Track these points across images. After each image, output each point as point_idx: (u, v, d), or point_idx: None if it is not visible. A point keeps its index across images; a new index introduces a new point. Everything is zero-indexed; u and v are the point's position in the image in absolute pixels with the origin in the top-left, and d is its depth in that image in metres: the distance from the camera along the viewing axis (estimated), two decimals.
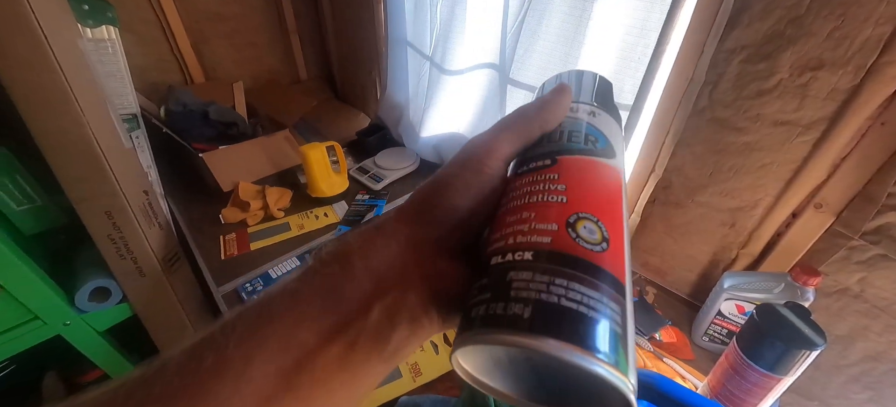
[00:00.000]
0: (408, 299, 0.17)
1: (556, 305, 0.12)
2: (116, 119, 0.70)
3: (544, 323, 0.12)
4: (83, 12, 0.69)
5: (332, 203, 0.98)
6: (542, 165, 0.17)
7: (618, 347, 0.12)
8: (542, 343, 0.12)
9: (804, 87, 0.50)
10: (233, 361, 0.14)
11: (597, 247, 0.14)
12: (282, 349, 0.15)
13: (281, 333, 0.15)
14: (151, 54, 1.15)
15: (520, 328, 0.12)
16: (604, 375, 0.11)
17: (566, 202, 0.15)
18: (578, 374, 0.12)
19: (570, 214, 0.15)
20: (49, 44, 0.55)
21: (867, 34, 0.44)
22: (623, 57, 0.64)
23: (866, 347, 0.56)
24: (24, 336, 0.72)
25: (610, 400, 0.12)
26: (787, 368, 0.43)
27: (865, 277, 0.53)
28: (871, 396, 0.58)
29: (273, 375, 0.14)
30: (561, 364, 0.12)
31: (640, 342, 0.64)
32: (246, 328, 0.15)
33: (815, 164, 0.53)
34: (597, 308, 0.12)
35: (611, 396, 0.12)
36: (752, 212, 0.61)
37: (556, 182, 0.16)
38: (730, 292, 0.59)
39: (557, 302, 0.12)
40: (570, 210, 0.15)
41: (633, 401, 0.12)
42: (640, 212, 0.74)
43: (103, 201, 0.68)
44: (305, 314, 0.16)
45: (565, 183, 0.16)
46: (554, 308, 0.12)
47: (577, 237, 0.14)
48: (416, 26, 0.97)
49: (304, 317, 0.16)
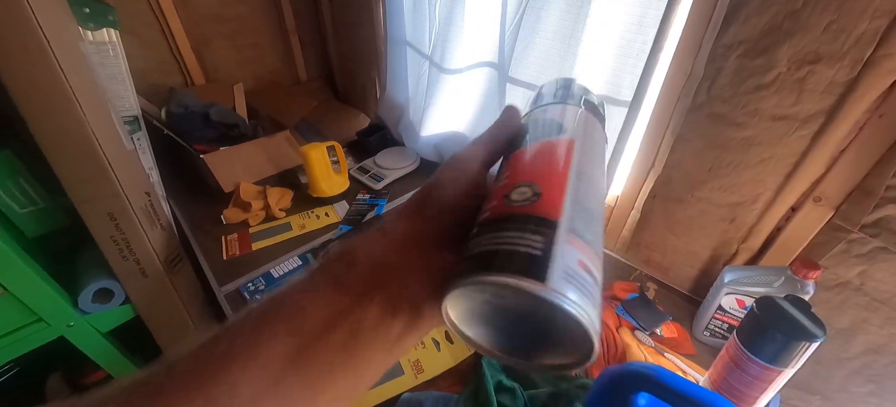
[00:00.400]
0: (409, 290, 0.18)
1: (493, 250, 0.16)
2: (118, 121, 0.71)
3: (485, 265, 0.15)
4: (84, 15, 0.69)
5: (333, 203, 0.98)
6: (500, 166, 0.23)
7: (540, 267, 0.15)
8: (481, 277, 0.15)
9: (802, 82, 0.50)
10: (245, 345, 0.15)
11: (527, 202, 0.17)
12: (289, 333, 0.16)
13: (289, 320, 0.16)
14: (152, 56, 1.16)
15: (470, 273, 0.16)
16: (522, 287, 0.14)
17: (507, 183, 0.19)
18: (523, 303, 0.15)
19: (508, 188, 0.19)
20: (50, 46, 0.55)
21: (863, 27, 0.44)
22: (621, 53, 0.64)
23: (867, 340, 0.56)
24: (28, 338, 0.73)
25: (570, 335, 0.15)
26: (787, 360, 0.44)
27: (865, 269, 0.53)
28: (872, 389, 0.58)
29: (280, 357, 0.15)
30: (504, 292, 0.15)
31: (641, 338, 0.64)
32: (258, 317, 0.16)
33: (813, 158, 0.53)
34: (519, 243, 0.16)
35: (564, 326, 0.15)
36: (751, 206, 0.61)
37: (505, 172, 0.21)
38: (730, 287, 0.59)
39: (495, 248, 0.16)
40: (509, 186, 0.19)
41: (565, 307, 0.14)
42: (641, 207, 0.75)
43: (105, 203, 0.69)
44: (312, 303, 0.17)
45: (510, 170, 0.21)
46: (491, 252, 0.16)
47: (509, 202, 0.18)
48: (415, 26, 0.98)
49: (311, 305, 0.17)
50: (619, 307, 0.70)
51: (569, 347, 0.16)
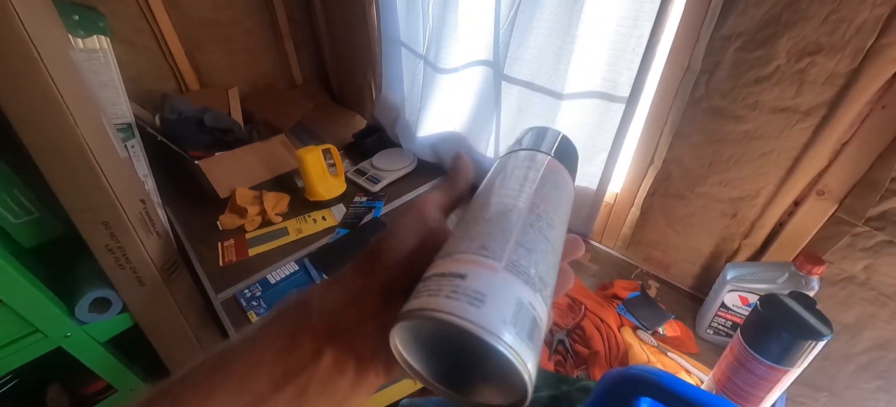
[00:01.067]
0: (357, 346, 0.18)
1: (436, 288, 0.16)
2: (111, 129, 0.70)
3: (426, 302, 0.16)
4: (74, 23, 0.69)
5: (330, 206, 0.97)
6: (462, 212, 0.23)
7: (476, 303, 0.15)
8: (421, 312, 0.15)
9: (802, 73, 0.49)
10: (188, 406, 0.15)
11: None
12: (236, 394, 0.16)
13: (236, 379, 0.16)
14: (145, 63, 1.15)
15: (413, 309, 0.16)
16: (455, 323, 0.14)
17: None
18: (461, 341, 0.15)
19: None
20: (39, 55, 0.55)
21: (864, 16, 0.43)
22: (617, 48, 0.63)
23: (874, 336, 0.55)
24: (25, 350, 0.72)
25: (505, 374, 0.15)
26: (793, 359, 0.42)
27: (871, 263, 0.52)
28: (880, 384, 0.57)
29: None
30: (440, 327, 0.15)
31: (644, 337, 0.63)
32: (204, 374, 0.16)
33: (816, 151, 0.52)
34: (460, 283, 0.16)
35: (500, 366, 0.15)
36: (753, 201, 0.60)
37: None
38: (733, 284, 0.58)
39: (438, 286, 0.16)
40: None
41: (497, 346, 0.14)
42: (640, 205, 0.74)
43: (100, 212, 0.68)
44: (261, 361, 0.17)
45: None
46: (435, 290, 0.16)
47: None
48: (409, 26, 0.97)
49: (260, 363, 0.16)
50: (621, 306, 0.69)
51: (506, 386, 0.16)
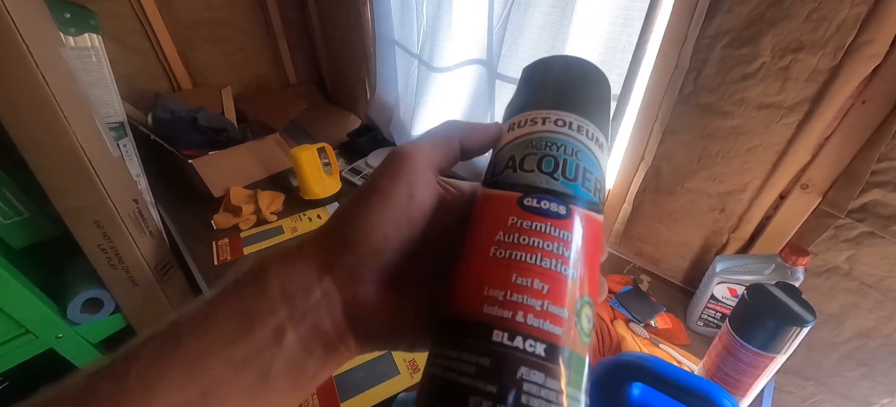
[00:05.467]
0: (323, 325, 0.16)
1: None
2: (103, 127, 0.70)
3: None
4: (65, 20, 0.68)
5: (325, 205, 0.98)
6: (556, 214, 0.14)
7: None
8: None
9: (786, 70, 0.51)
10: (131, 393, 0.13)
11: (588, 338, 0.13)
12: (188, 379, 0.14)
13: (187, 362, 0.14)
14: (138, 62, 1.14)
15: None
16: None
17: (574, 279, 0.13)
18: None
19: (577, 296, 0.13)
20: (30, 52, 0.54)
21: (844, 15, 0.45)
22: (608, 47, 0.65)
23: (857, 324, 0.57)
24: (16, 351, 0.71)
25: None
26: (779, 346, 0.44)
27: (853, 254, 0.53)
28: (864, 372, 0.59)
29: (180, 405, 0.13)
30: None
31: (636, 329, 0.64)
32: (150, 355, 0.14)
33: (799, 146, 0.53)
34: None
35: None
36: (740, 195, 0.61)
37: (567, 245, 0.14)
38: (722, 276, 0.59)
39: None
40: (577, 291, 0.13)
41: None
42: (632, 201, 0.75)
43: (92, 211, 0.68)
44: (216, 341, 0.14)
45: (573, 248, 0.14)
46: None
47: (580, 330, 0.13)
48: (403, 25, 0.97)
49: (214, 344, 0.14)
50: (614, 300, 0.70)
51: None
